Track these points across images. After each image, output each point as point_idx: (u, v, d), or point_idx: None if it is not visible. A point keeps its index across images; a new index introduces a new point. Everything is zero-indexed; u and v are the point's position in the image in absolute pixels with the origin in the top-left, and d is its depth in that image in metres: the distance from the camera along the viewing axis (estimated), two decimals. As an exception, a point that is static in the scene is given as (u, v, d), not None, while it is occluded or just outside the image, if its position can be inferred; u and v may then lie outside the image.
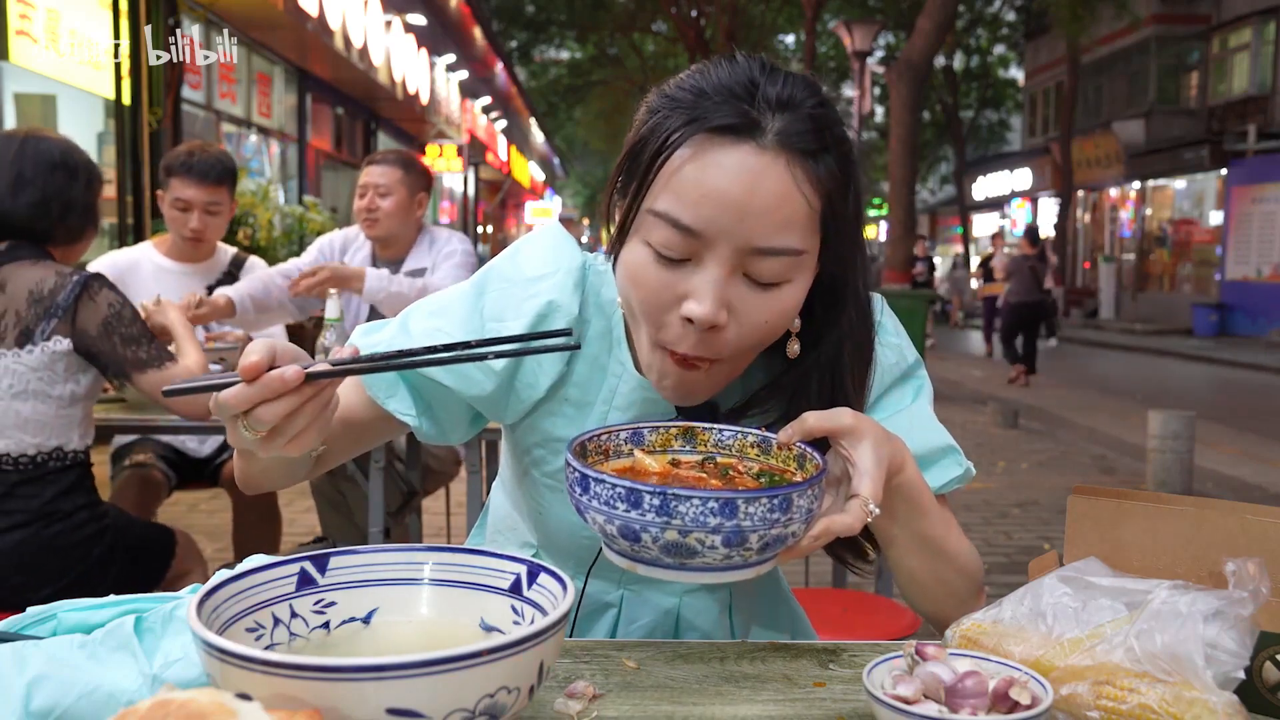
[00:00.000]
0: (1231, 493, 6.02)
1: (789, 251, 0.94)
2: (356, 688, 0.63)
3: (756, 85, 0.94)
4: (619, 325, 1.11)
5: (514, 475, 1.24)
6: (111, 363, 2.13)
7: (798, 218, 0.94)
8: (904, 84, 11.58)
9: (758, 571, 0.88)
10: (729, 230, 0.92)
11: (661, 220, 0.94)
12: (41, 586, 2.02)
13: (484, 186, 28.25)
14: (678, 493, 0.81)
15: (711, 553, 0.83)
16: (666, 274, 0.96)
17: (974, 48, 27.37)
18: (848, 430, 0.93)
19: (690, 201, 0.93)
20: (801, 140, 0.93)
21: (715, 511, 0.81)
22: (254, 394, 0.83)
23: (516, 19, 24.27)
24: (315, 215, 8.72)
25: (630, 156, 1.00)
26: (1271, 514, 0.89)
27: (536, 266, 1.10)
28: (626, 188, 1.00)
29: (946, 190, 33.36)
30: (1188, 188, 21.38)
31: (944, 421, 1.17)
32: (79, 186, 2.17)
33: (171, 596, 0.88)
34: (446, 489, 3.71)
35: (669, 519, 0.81)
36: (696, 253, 0.94)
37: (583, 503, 0.87)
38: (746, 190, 0.92)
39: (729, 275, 0.94)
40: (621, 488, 0.83)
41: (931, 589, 1.07)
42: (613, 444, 0.97)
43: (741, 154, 0.92)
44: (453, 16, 16.70)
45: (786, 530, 0.84)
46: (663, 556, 0.85)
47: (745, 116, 0.93)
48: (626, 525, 0.84)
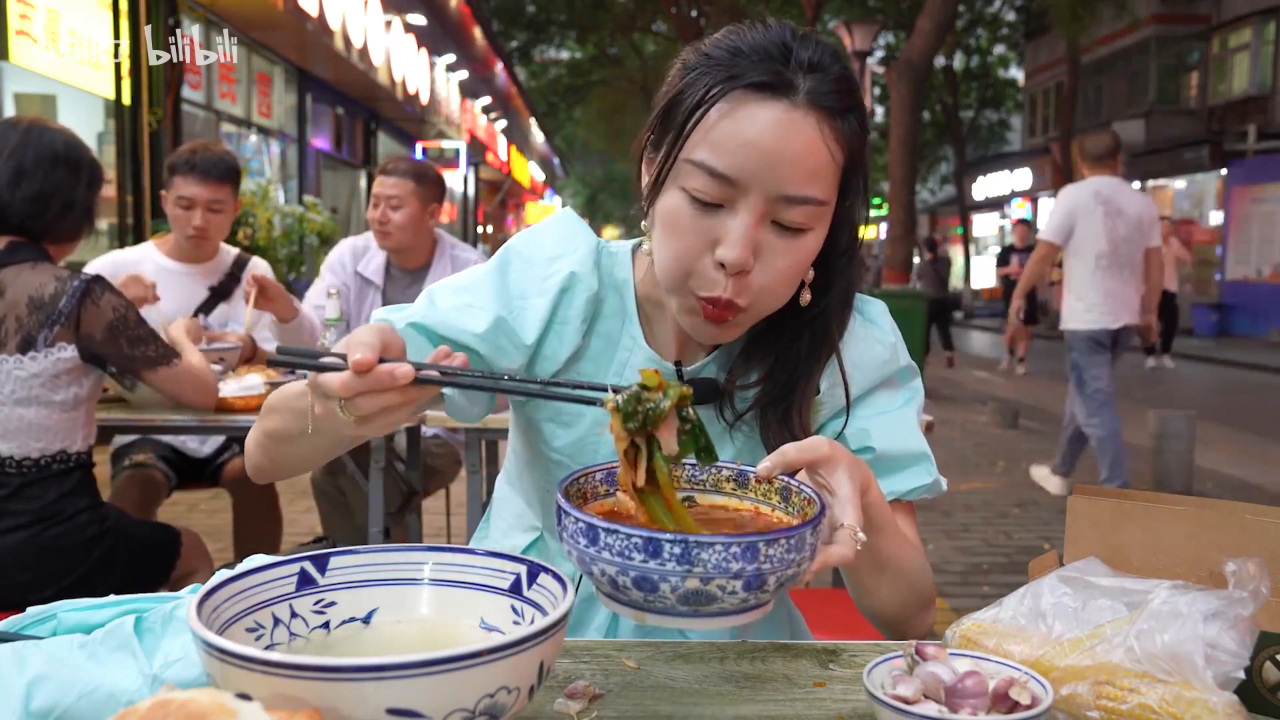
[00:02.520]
0: (1231, 493, 6.01)
1: (814, 201, 1.01)
2: (356, 688, 0.63)
3: (789, 49, 1.02)
4: (631, 302, 1.18)
5: (522, 460, 1.27)
6: (121, 364, 2.14)
7: (824, 170, 1.02)
8: (904, 84, 11.58)
9: (765, 612, 0.86)
10: (762, 178, 0.99)
11: (699, 169, 1.01)
12: (43, 588, 2.02)
13: (484, 186, 28.24)
14: (700, 540, 0.77)
15: (730, 598, 0.80)
16: (701, 220, 1.02)
17: (974, 48, 27.36)
18: (825, 460, 0.94)
19: (727, 150, 0.99)
20: (829, 100, 1.01)
21: (738, 556, 0.78)
22: (361, 386, 0.85)
23: (516, 19, 24.27)
24: (315, 215, 8.73)
25: (666, 111, 1.06)
26: (1271, 514, 0.89)
27: (555, 246, 1.17)
28: (661, 141, 1.06)
29: (946, 190, 33.36)
30: (1188, 188, 21.38)
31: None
32: (80, 185, 2.13)
33: (171, 596, 0.88)
34: (446, 489, 3.71)
35: (690, 567, 0.78)
36: (730, 199, 1.01)
37: (590, 554, 0.81)
38: (779, 142, 0.99)
39: (759, 221, 1.01)
40: (639, 538, 0.78)
41: (882, 602, 1.09)
42: (589, 486, 0.94)
43: (775, 110, 0.99)
44: (453, 16, 16.70)
45: (800, 569, 0.83)
46: (678, 605, 0.81)
47: (779, 76, 1.00)
48: (644, 576, 0.79)
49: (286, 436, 1.08)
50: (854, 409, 1.17)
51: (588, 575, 0.84)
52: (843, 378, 1.16)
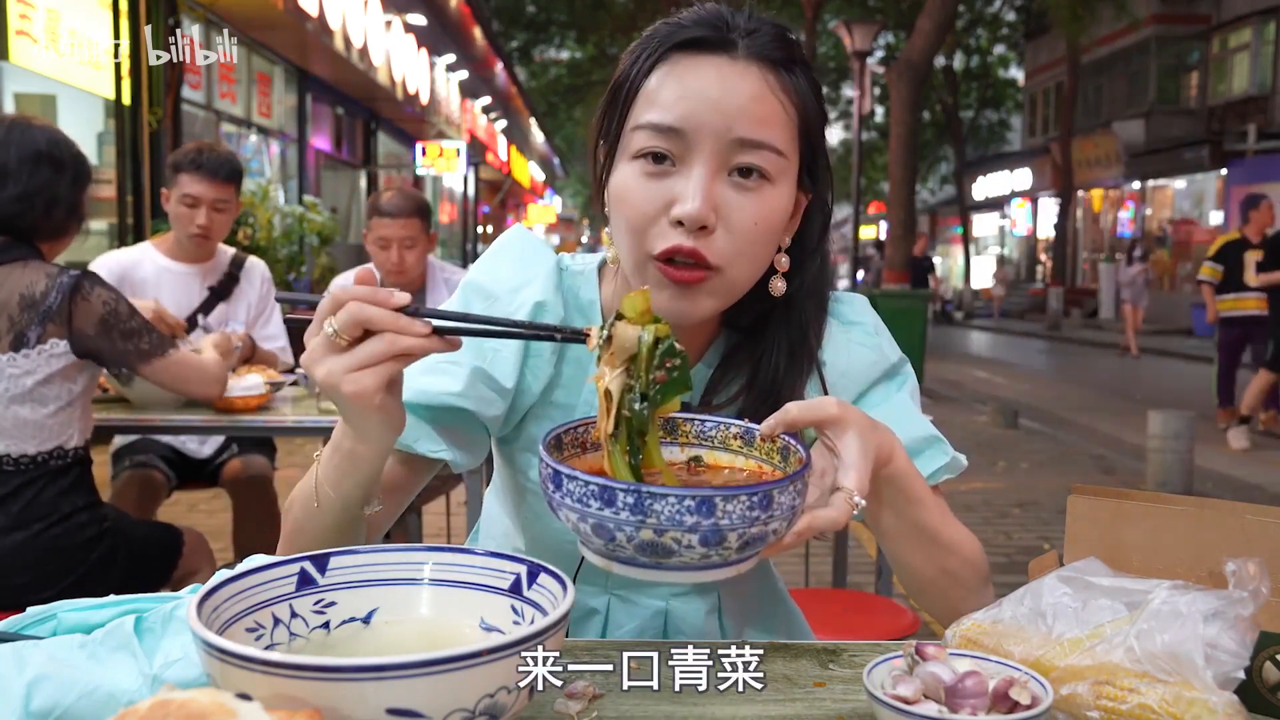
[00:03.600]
0: (1231, 493, 6.01)
1: (770, 147, 0.97)
2: (356, 688, 0.63)
3: (726, 16, 1.01)
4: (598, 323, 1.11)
5: (503, 482, 1.24)
6: (114, 359, 2.14)
7: (775, 119, 0.98)
8: (904, 84, 11.59)
9: (739, 570, 0.85)
10: (710, 123, 0.96)
11: (644, 130, 0.98)
12: (42, 588, 2.02)
13: (484, 186, 28.23)
14: (653, 491, 0.77)
15: (689, 552, 0.80)
16: (653, 185, 0.98)
17: (974, 48, 27.38)
18: (832, 420, 0.91)
19: (668, 104, 0.97)
20: (771, 49, 0.99)
21: (692, 510, 0.77)
22: (360, 293, 0.84)
23: (516, 19, 24.28)
24: (315, 215, 8.73)
25: (610, 94, 1.04)
26: (1271, 514, 0.89)
27: (515, 275, 1.11)
28: (609, 127, 1.03)
29: (946, 190, 33.36)
30: (1188, 188, 21.39)
31: (944, 422, 1.17)
32: (65, 182, 2.11)
33: (171, 596, 0.88)
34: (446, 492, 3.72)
35: (644, 518, 0.78)
36: (681, 155, 0.97)
37: (555, 499, 0.83)
38: (723, 89, 0.96)
39: (714, 174, 0.97)
40: (595, 485, 0.79)
41: (936, 582, 1.05)
42: (589, 436, 0.93)
43: (716, 62, 0.98)
44: (453, 16, 16.69)
45: (767, 528, 0.81)
46: (639, 556, 0.81)
47: (717, 33, 0.99)
48: (600, 524, 0.80)
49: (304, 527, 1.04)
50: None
51: (562, 522, 0.85)
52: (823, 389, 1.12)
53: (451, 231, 23.84)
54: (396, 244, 3.31)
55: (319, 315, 0.87)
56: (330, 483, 0.97)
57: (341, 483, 0.97)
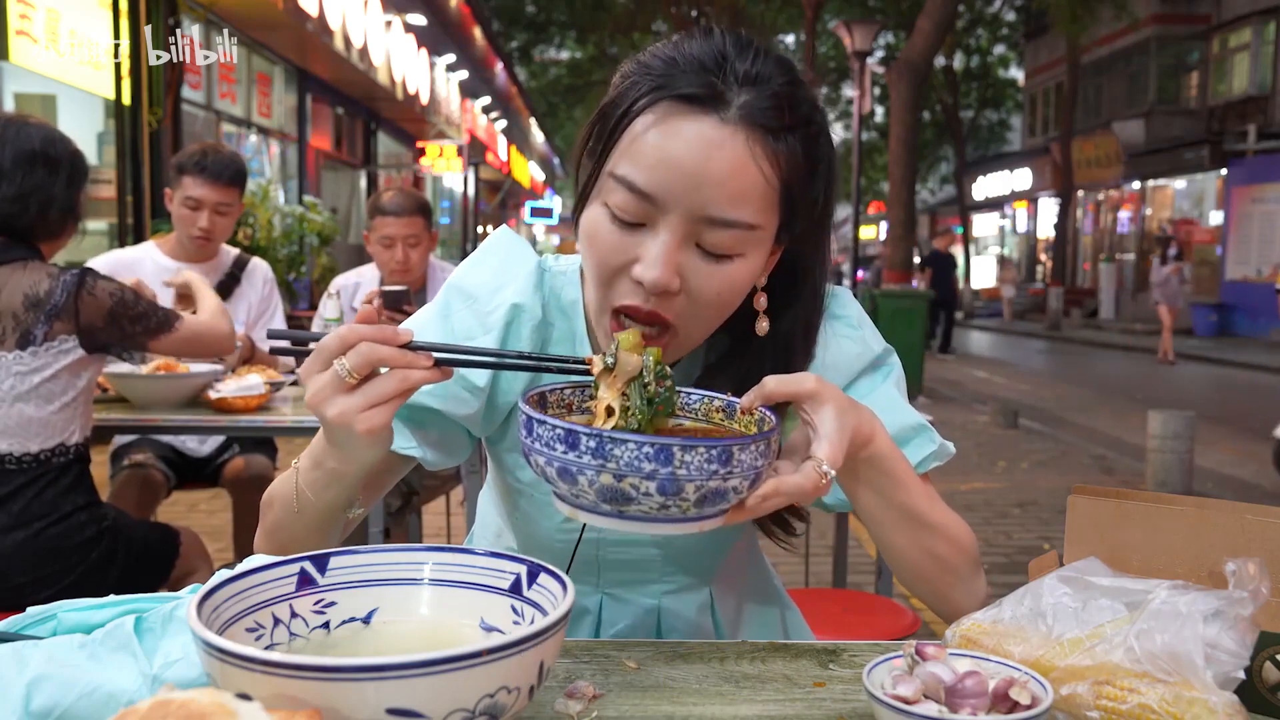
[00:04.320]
0: (1231, 493, 6.02)
1: (741, 225, 0.95)
2: (356, 688, 0.63)
3: (727, 59, 0.95)
4: (580, 324, 1.12)
5: (494, 482, 1.25)
6: (126, 345, 2.17)
7: (753, 193, 0.95)
8: (904, 84, 11.59)
9: (701, 526, 0.87)
10: (682, 197, 0.94)
11: (620, 184, 0.96)
12: (42, 588, 2.02)
13: (484, 186, 28.23)
14: (614, 435, 0.80)
15: (647, 500, 0.82)
16: (621, 236, 0.97)
17: (974, 48, 27.38)
18: (809, 394, 0.92)
19: (647, 166, 0.94)
20: (764, 116, 0.94)
21: (650, 457, 0.80)
22: (366, 331, 0.86)
23: (516, 19, 24.28)
24: (315, 215, 8.73)
25: (599, 119, 1.01)
26: (1271, 514, 0.89)
27: (494, 278, 1.11)
28: (595, 150, 1.01)
29: (946, 190, 33.37)
30: (1188, 188, 21.39)
31: (944, 422, 1.17)
32: (60, 182, 2.10)
33: (171, 596, 0.88)
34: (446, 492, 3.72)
35: (604, 461, 0.81)
36: (651, 217, 0.96)
37: (527, 444, 0.87)
38: (702, 159, 0.93)
39: (681, 242, 0.96)
40: (560, 429, 0.82)
41: (924, 566, 1.04)
42: (575, 399, 0.97)
43: (702, 125, 0.93)
44: (453, 16, 16.70)
45: (726, 484, 0.83)
46: (600, 503, 0.84)
47: (710, 88, 0.94)
48: (564, 467, 0.83)
49: (283, 526, 1.05)
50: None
51: (532, 469, 0.88)
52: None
53: (452, 232, 23.85)
54: (401, 242, 3.31)
55: (323, 354, 0.88)
56: (312, 491, 0.99)
57: (323, 493, 1.00)
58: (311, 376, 0.90)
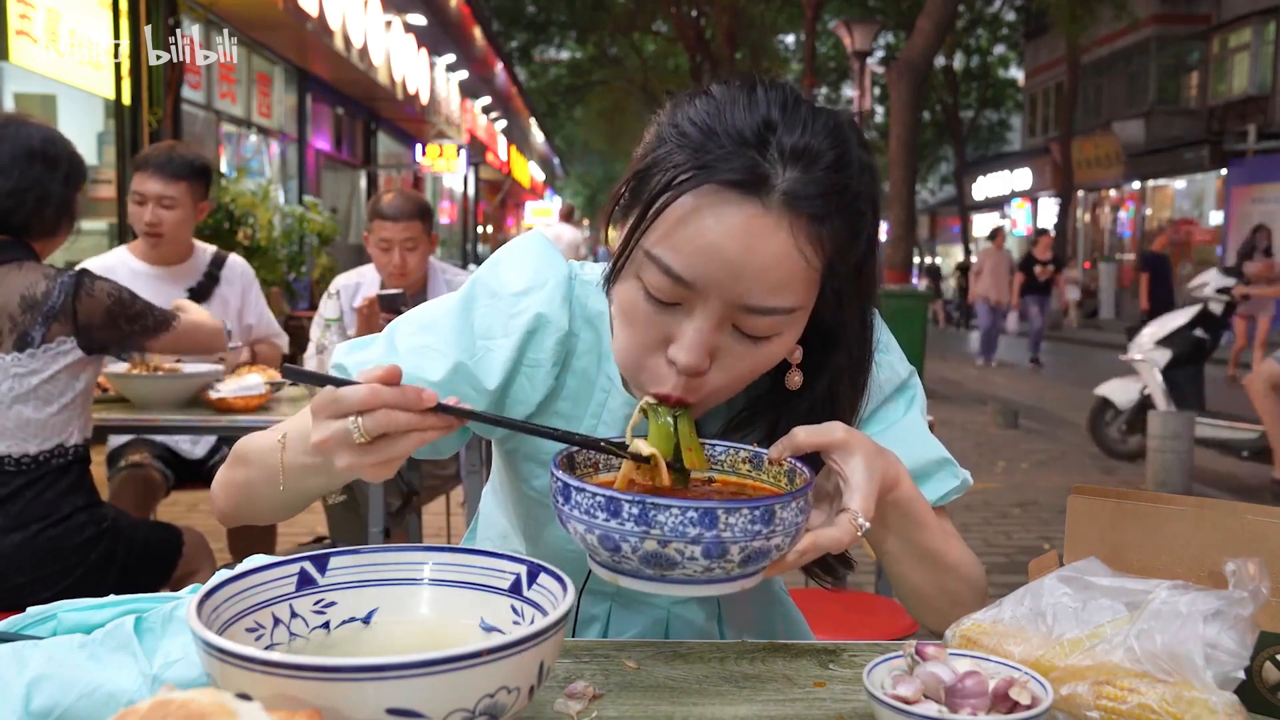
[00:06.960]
0: (1231, 493, 6.02)
1: (780, 311, 0.92)
2: (356, 688, 0.63)
3: (773, 130, 0.90)
4: (606, 338, 1.09)
5: (505, 487, 1.23)
6: (124, 344, 2.18)
7: (795, 279, 0.91)
8: (904, 84, 11.57)
9: (743, 585, 0.87)
10: (722, 285, 0.90)
11: (656, 265, 0.92)
12: (42, 589, 2.02)
13: (484, 186, 28.24)
14: (656, 502, 0.80)
15: (691, 564, 0.82)
16: (656, 315, 0.94)
17: (974, 48, 27.40)
18: (839, 445, 0.92)
19: (686, 252, 0.90)
20: (810, 205, 0.89)
21: (694, 522, 0.80)
22: (389, 396, 0.83)
23: (516, 19, 24.29)
24: (315, 215, 8.72)
25: (635, 179, 0.97)
26: (1271, 514, 0.89)
27: (522, 280, 1.07)
28: (628, 212, 0.97)
29: (946, 190, 33.37)
30: (1188, 188, 21.38)
31: (944, 422, 1.17)
32: (58, 179, 2.10)
33: (171, 596, 0.88)
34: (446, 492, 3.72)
35: (648, 529, 0.80)
36: (687, 300, 0.92)
37: (564, 512, 0.86)
38: (744, 249, 0.89)
39: (716, 326, 0.93)
40: (601, 497, 0.82)
41: (935, 601, 1.06)
42: (602, 459, 0.97)
43: (745, 213, 0.89)
44: (453, 16, 16.69)
45: (769, 543, 0.83)
46: (643, 568, 0.83)
47: (753, 171, 0.89)
48: (606, 535, 0.83)
49: (255, 489, 1.05)
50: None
51: (570, 535, 0.87)
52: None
53: (451, 231, 23.84)
54: (398, 246, 3.30)
55: (340, 406, 0.84)
56: (296, 478, 1.00)
57: (308, 483, 1.01)
58: (322, 422, 0.86)
